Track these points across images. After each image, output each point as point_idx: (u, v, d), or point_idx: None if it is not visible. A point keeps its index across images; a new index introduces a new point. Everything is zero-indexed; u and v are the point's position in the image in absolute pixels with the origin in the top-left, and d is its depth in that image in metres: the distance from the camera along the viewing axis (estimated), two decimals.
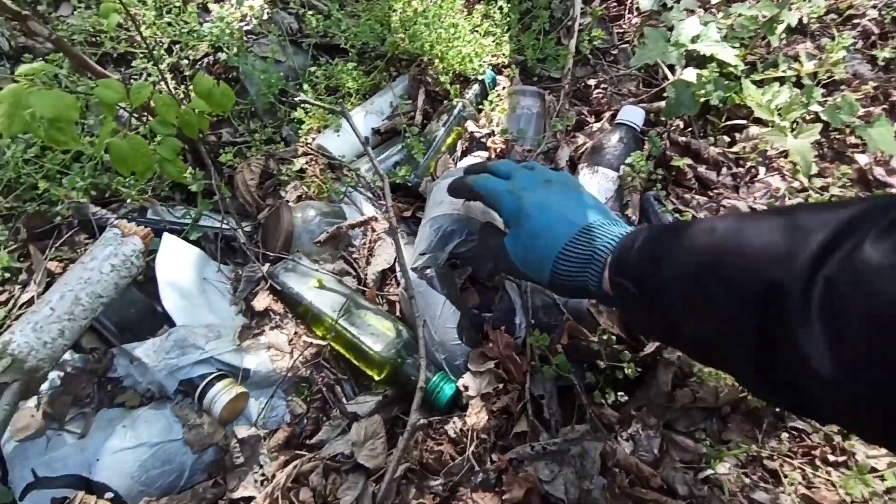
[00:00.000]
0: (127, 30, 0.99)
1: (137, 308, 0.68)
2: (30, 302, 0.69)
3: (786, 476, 0.63)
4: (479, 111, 0.95)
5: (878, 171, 0.82)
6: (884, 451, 0.63)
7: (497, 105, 0.94)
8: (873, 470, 0.62)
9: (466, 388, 0.64)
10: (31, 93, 0.56)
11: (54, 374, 0.64)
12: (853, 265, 0.28)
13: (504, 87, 0.97)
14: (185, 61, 0.99)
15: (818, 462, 0.64)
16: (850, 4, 0.97)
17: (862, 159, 0.83)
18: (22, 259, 0.72)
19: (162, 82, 0.85)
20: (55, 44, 0.66)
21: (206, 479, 0.61)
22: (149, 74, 0.95)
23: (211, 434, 0.62)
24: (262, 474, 0.62)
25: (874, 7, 0.97)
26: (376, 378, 0.67)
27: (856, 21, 0.97)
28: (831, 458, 0.64)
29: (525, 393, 0.64)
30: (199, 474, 0.61)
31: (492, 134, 0.91)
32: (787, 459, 0.64)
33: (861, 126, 0.81)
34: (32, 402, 0.61)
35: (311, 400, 0.67)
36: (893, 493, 0.61)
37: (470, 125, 0.91)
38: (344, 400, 0.67)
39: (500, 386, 0.64)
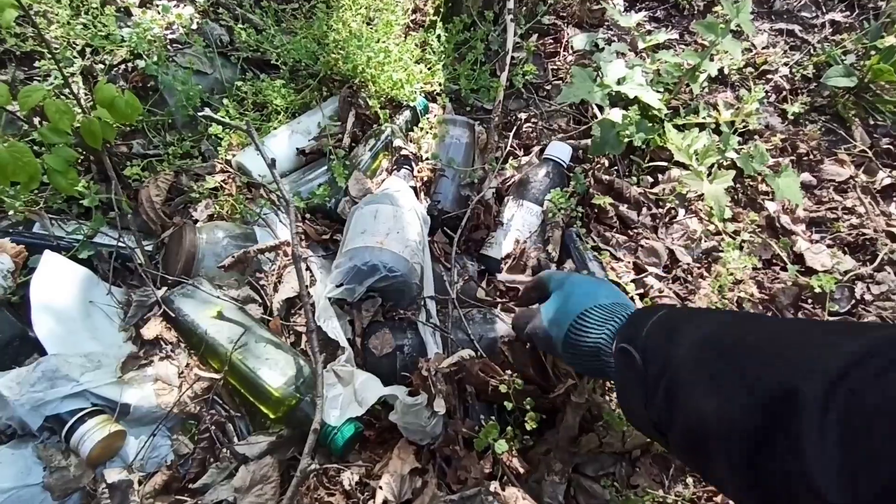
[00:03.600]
0: (35, 27, 0.92)
1: (5, 333, 0.61)
2: None
3: None
4: (409, 138, 0.94)
5: (785, 220, 0.85)
6: None
7: (427, 132, 0.93)
8: None
9: None
10: None
11: None
12: (882, 383, 0.28)
13: (436, 116, 0.96)
14: (101, 66, 0.93)
15: None
16: (765, 60, 1.03)
17: (771, 207, 0.87)
18: None
19: (66, 87, 0.79)
20: None
21: None
22: (55, 77, 0.88)
23: (77, 477, 0.56)
24: None
25: (785, 65, 1.03)
26: (272, 416, 0.62)
27: (769, 76, 1.02)
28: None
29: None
30: None
31: (420, 159, 0.90)
32: None
33: (770, 175, 0.84)
34: None
35: (198, 439, 0.62)
36: None
37: (399, 143, 0.89)
38: (235, 440, 0.62)
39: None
